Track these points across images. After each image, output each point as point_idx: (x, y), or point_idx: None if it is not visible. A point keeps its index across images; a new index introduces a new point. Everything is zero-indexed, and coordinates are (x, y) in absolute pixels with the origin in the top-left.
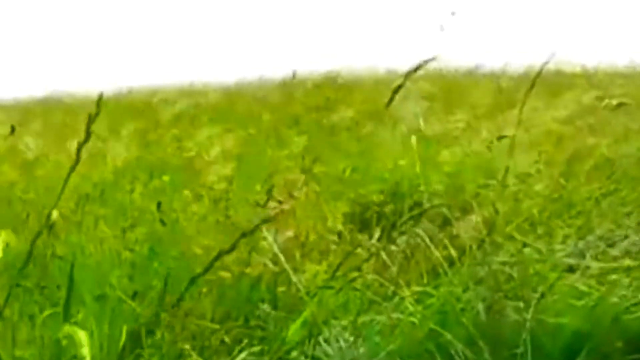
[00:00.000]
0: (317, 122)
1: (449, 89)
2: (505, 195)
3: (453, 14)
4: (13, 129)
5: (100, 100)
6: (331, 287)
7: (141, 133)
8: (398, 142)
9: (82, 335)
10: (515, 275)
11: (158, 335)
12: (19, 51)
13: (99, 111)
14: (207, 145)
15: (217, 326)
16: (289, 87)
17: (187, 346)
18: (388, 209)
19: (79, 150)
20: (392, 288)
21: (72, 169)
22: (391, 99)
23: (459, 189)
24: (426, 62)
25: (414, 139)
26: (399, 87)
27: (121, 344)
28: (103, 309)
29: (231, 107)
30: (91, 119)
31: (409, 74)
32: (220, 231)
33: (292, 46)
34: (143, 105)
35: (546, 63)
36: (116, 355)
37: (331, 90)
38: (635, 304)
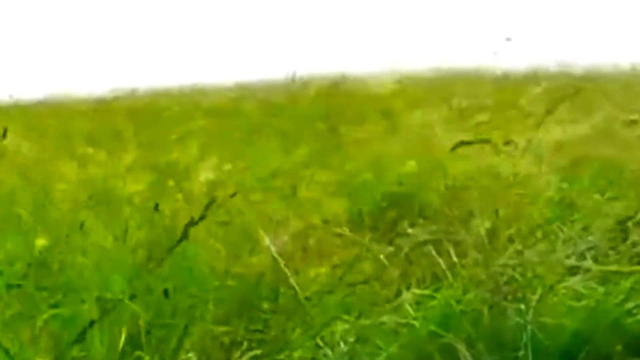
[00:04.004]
0: (321, 126)
1: (461, 96)
2: (508, 199)
3: (508, 39)
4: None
5: None
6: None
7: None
8: (403, 146)
9: None
10: (515, 277)
11: (158, 337)
12: (16, 52)
13: None
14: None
15: (217, 328)
16: (293, 89)
17: (187, 349)
18: (390, 211)
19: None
20: (393, 290)
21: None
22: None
23: (461, 192)
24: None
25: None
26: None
27: (120, 345)
28: (103, 311)
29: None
30: None
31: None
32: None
33: (307, 47)
34: (145, 107)
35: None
36: (116, 357)
37: (337, 94)
38: (635, 307)
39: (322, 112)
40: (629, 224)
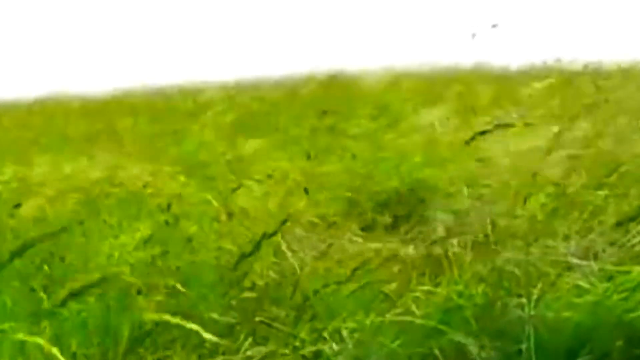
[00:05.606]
0: (320, 122)
1: (454, 90)
2: (510, 194)
3: (494, 26)
4: None
5: None
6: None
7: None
8: (404, 142)
9: None
10: (518, 272)
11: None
12: (17, 50)
13: None
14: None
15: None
16: (291, 85)
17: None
18: (391, 207)
19: None
20: (396, 285)
21: None
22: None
23: (462, 187)
24: None
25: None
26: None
27: (124, 342)
28: (106, 308)
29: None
30: None
31: None
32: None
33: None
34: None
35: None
36: (119, 354)
37: (336, 90)
38: (638, 302)
39: (318, 108)
40: (630, 221)
